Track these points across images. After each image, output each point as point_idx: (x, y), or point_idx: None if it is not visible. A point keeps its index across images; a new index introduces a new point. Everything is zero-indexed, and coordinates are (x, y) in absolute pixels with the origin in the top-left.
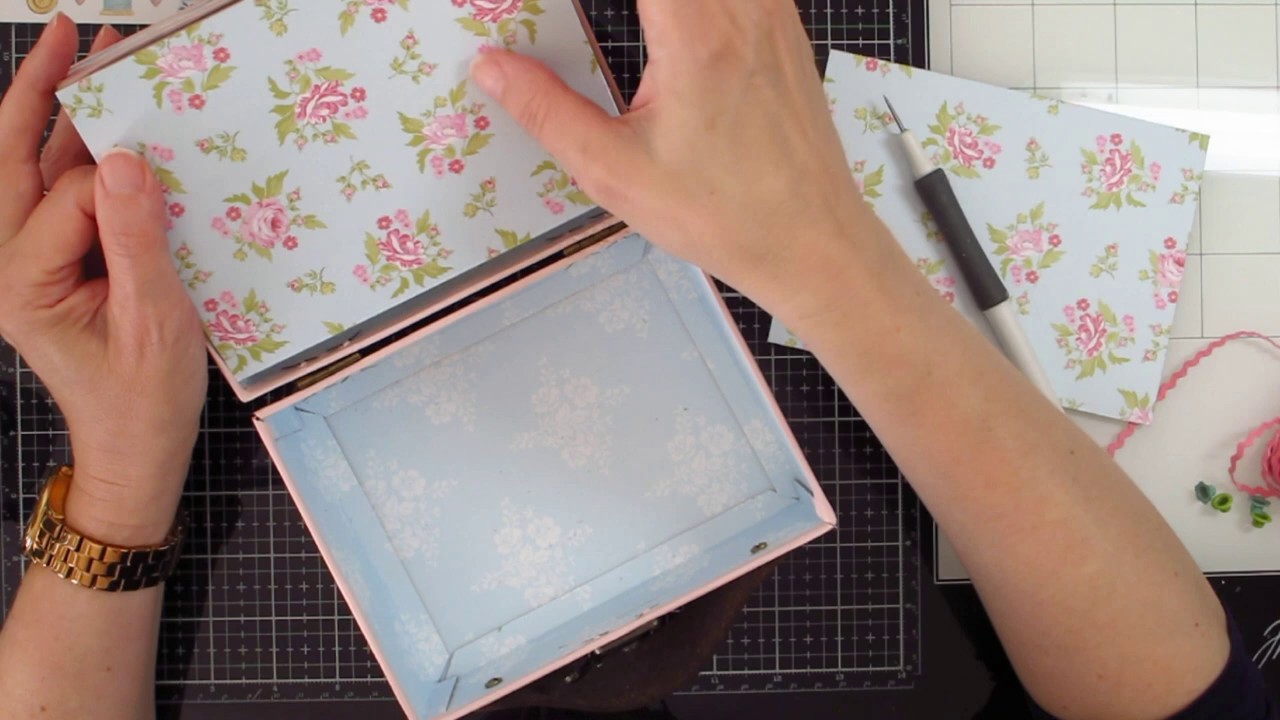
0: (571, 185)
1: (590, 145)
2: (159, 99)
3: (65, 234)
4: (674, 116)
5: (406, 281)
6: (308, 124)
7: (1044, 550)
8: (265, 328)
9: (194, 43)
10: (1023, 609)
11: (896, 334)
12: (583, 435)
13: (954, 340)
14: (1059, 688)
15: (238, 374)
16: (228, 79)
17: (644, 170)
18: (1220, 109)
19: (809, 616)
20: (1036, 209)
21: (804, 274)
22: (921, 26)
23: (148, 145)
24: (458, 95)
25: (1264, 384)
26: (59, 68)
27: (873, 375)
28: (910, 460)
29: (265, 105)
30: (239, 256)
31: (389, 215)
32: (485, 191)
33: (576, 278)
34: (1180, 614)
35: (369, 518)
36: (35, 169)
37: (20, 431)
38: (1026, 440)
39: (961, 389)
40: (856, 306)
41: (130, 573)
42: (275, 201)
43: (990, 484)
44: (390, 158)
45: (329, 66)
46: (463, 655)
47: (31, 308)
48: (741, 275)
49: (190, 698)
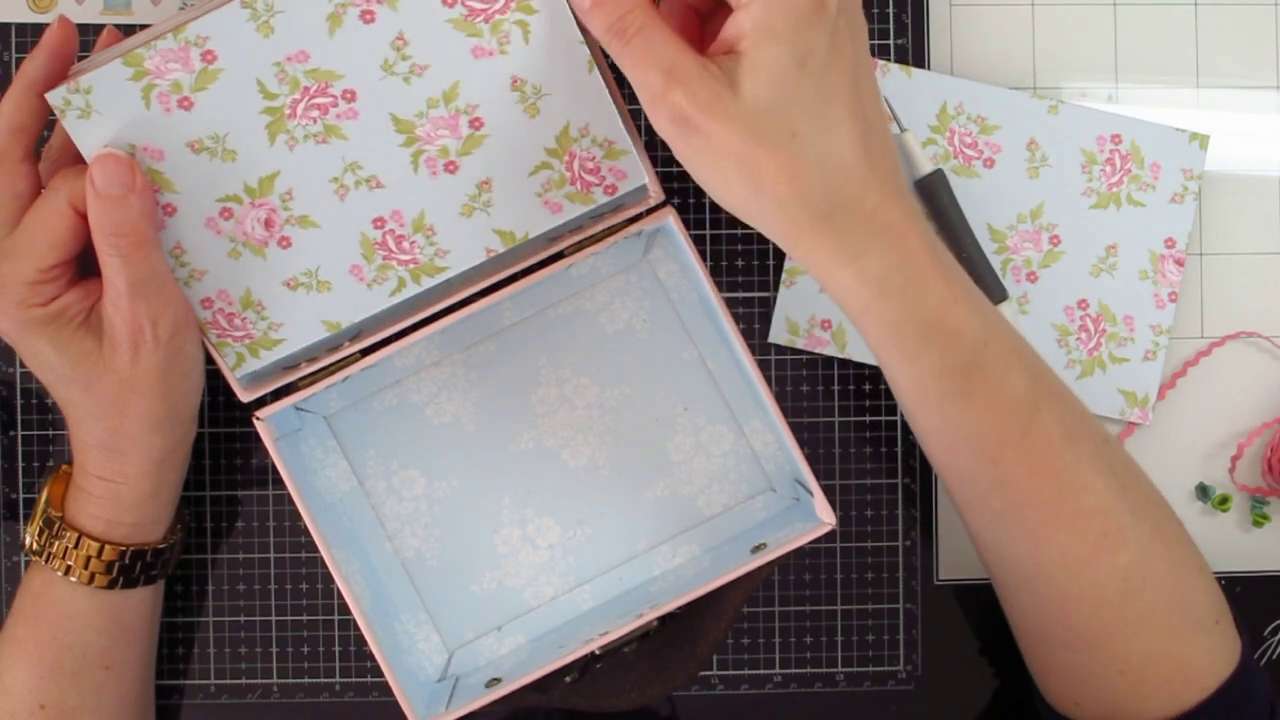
0: (570, 185)
1: (676, 70)
2: (147, 100)
3: (58, 232)
4: (765, 53)
5: (404, 281)
6: (298, 125)
7: (1080, 539)
8: (262, 325)
9: (180, 45)
10: (1052, 603)
11: (955, 305)
12: (583, 435)
13: (997, 319)
14: (1076, 684)
15: (236, 371)
16: (216, 80)
17: (727, 105)
18: (1220, 109)
19: (809, 616)
20: (1036, 209)
21: (870, 236)
22: (921, 26)
23: (138, 146)
24: (451, 96)
25: (1264, 384)
26: (59, 69)
27: (931, 349)
28: (954, 445)
29: (254, 107)
30: (233, 255)
31: (384, 215)
32: (481, 192)
33: (576, 278)
34: (1205, 610)
35: (369, 517)
36: (32, 169)
37: (20, 431)
38: (1068, 426)
39: (1012, 367)
40: (918, 274)
41: (129, 571)
42: (268, 201)
43: (1033, 468)
44: (383, 158)
45: (318, 68)
46: (462, 655)
47: (25, 306)
48: (804, 235)
49: (190, 698)
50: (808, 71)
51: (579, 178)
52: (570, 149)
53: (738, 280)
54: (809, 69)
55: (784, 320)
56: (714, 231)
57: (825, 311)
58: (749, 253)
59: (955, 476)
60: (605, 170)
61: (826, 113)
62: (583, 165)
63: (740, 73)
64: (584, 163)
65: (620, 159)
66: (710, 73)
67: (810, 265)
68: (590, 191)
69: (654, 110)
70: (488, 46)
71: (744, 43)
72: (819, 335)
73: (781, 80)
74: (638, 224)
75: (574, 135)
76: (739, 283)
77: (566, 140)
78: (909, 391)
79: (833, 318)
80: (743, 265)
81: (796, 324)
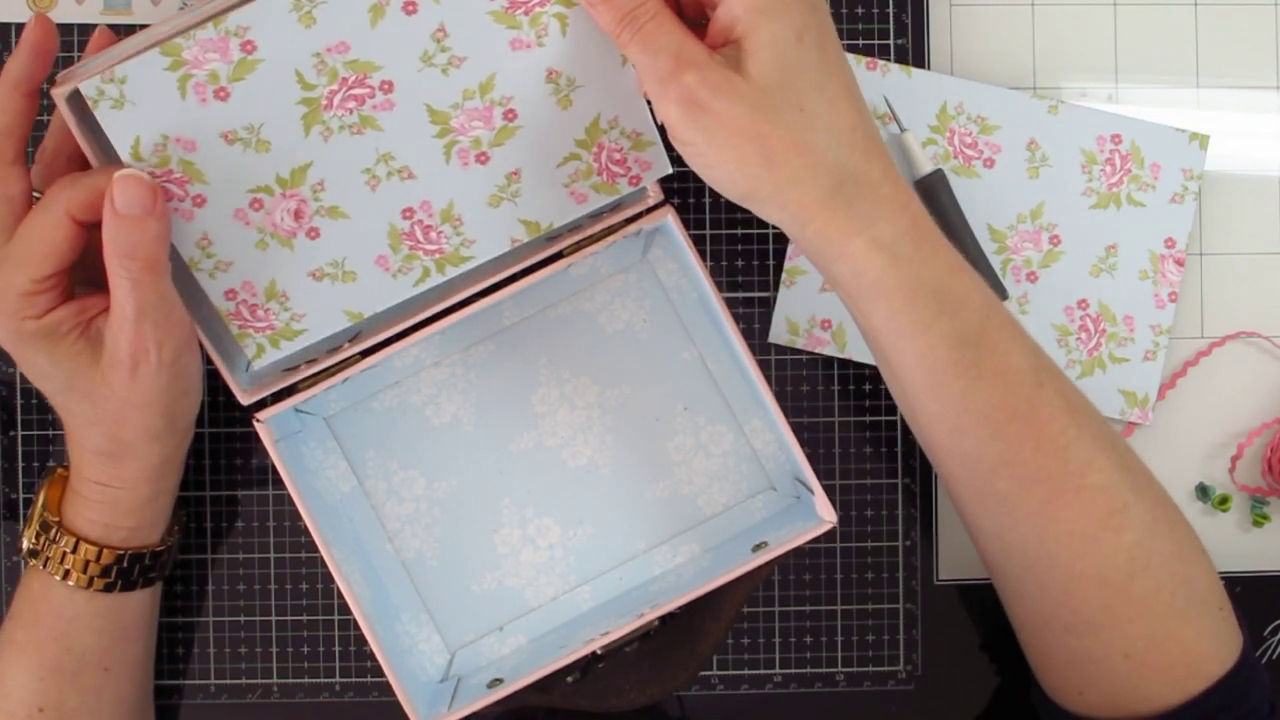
0: (597, 176)
1: (684, 53)
2: (183, 91)
3: (55, 241)
4: (763, 32)
5: (428, 270)
6: (334, 116)
7: (1086, 516)
8: (285, 316)
9: (220, 35)
10: (1057, 585)
11: (960, 272)
12: (583, 435)
13: (992, 293)
14: (1080, 672)
15: (256, 362)
16: (254, 71)
17: (735, 85)
18: (1220, 109)
19: (809, 616)
20: (1036, 209)
21: (878, 204)
22: (921, 26)
23: (170, 137)
24: (487, 88)
25: (1264, 384)
26: (41, 68)
27: (943, 317)
28: (961, 425)
29: (291, 97)
30: (260, 246)
31: (413, 206)
32: (510, 182)
33: (576, 278)
34: (1208, 594)
35: (369, 518)
36: (23, 172)
37: (20, 431)
38: (1070, 400)
39: (1016, 337)
40: (925, 240)
41: (127, 574)
42: (299, 193)
43: (1039, 444)
44: (416, 149)
45: (358, 59)
46: (464, 655)
47: (19, 318)
48: (818, 208)
49: (190, 698)
50: (805, 47)
51: (605, 168)
52: (599, 140)
53: (738, 280)
54: (806, 44)
55: (784, 320)
56: (714, 231)
57: (825, 311)
58: (749, 253)
59: (960, 461)
60: (631, 161)
61: (827, 86)
62: (610, 156)
63: (743, 56)
64: (611, 154)
65: (647, 150)
66: (716, 59)
67: (822, 240)
68: (615, 182)
69: (663, 92)
70: (526, 39)
71: (739, 27)
72: (819, 335)
73: (784, 57)
74: (637, 224)
75: (604, 127)
76: (739, 283)
77: (596, 132)
78: (918, 370)
79: (833, 318)
80: (743, 265)
81: (796, 324)
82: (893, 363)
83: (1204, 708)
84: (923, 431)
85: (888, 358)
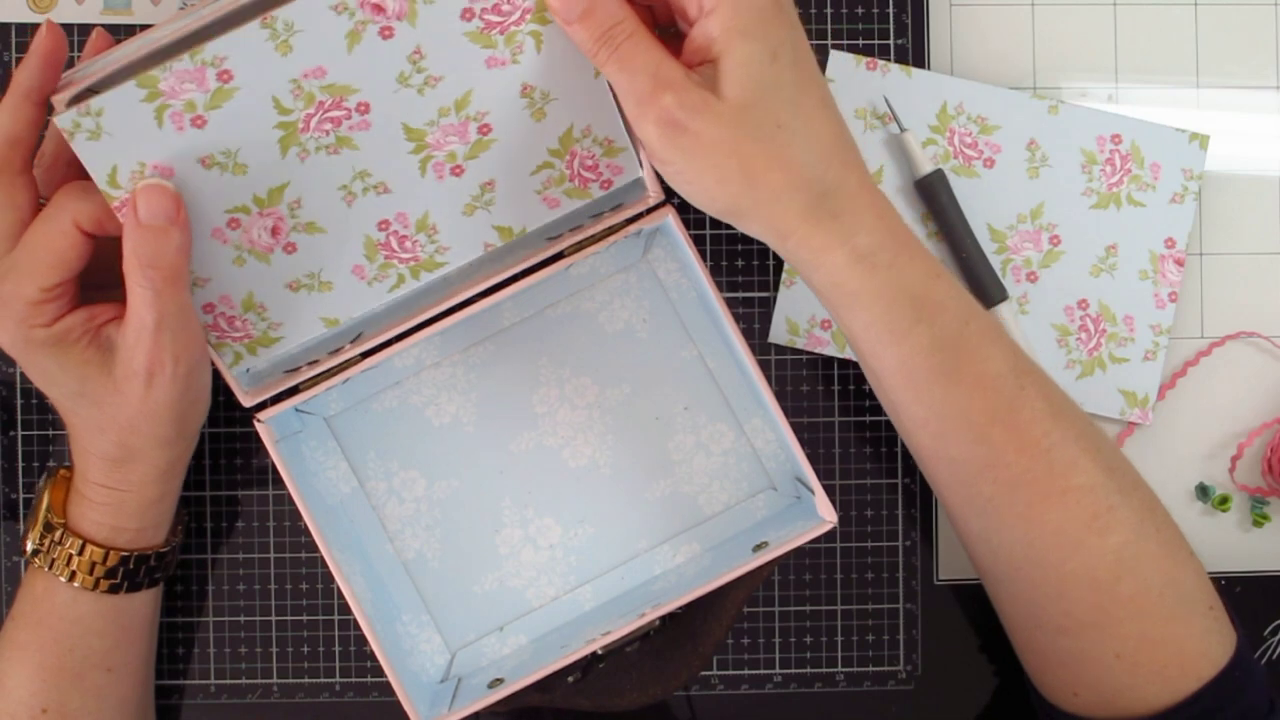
0: (569, 182)
1: (662, 74)
2: (160, 120)
3: (61, 251)
4: (739, 53)
5: (403, 277)
6: (311, 138)
7: (1071, 518)
8: (262, 326)
9: (197, 65)
10: (1046, 586)
11: (938, 279)
12: (583, 435)
13: (971, 299)
14: (1073, 672)
15: (234, 369)
16: (231, 99)
17: (713, 106)
18: (1220, 109)
19: (809, 616)
20: (1036, 209)
21: (859, 212)
22: (921, 26)
23: (147, 164)
24: (462, 104)
25: (1264, 384)
26: (51, 76)
27: (922, 323)
28: (943, 430)
29: (268, 122)
30: (238, 263)
31: (388, 218)
32: (484, 192)
33: (576, 278)
34: (1197, 594)
35: (370, 519)
36: (30, 181)
37: (20, 431)
38: (1053, 403)
39: (995, 341)
40: (903, 249)
41: (133, 574)
42: (276, 211)
43: (1022, 447)
44: (392, 165)
45: (334, 83)
46: (465, 656)
47: (28, 325)
48: (799, 222)
49: (190, 698)
50: (781, 65)
51: (578, 175)
52: (572, 149)
53: (738, 280)
54: (781, 62)
55: (784, 320)
56: (714, 231)
57: (825, 312)
58: (749, 253)
59: (945, 465)
60: (603, 167)
61: (803, 101)
62: (582, 163)
63: (720, 76)
64: (583, 160)
65: (618, 156)
66: (693, 79)
67: (803, 253)
68: (587, 187)
69: (642, 114)
70: (501, 57)
71: (716, 47)
72: (819, 335)
73: (760, 76)
74: (637, 223)
75: (576, 136)
76: (739, 283)
77: (569, 141)
78: (897, 376)
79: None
80: (743, 265)
81: (796, 324)
82: (875, 369)
83: (1199, 706)
84: (908, 437)
85: (869, 364)
